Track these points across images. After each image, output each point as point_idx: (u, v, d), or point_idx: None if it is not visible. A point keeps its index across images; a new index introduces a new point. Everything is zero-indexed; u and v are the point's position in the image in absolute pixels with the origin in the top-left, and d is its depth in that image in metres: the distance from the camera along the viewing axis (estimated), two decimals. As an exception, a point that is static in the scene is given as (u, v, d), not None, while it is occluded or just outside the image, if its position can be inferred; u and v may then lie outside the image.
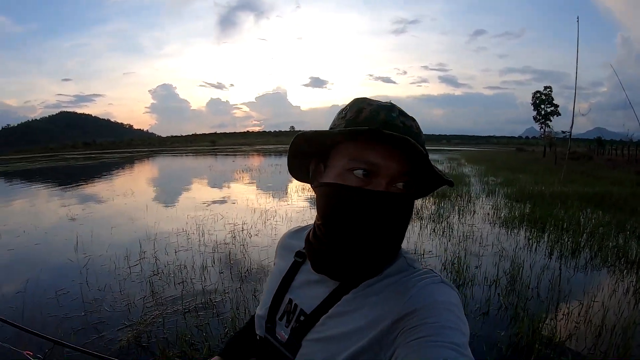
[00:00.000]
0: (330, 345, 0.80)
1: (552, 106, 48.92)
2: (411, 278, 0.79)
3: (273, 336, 0.95)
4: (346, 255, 0.82)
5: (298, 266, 0.99)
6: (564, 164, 17.03)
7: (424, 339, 0.66)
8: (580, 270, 5.74)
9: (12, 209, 12.07)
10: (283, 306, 0.96)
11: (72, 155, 59.69)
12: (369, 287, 0.82)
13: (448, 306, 0.72)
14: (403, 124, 0.81)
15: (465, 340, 0.67)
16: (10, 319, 4.16)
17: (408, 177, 0.79)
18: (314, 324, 0.85)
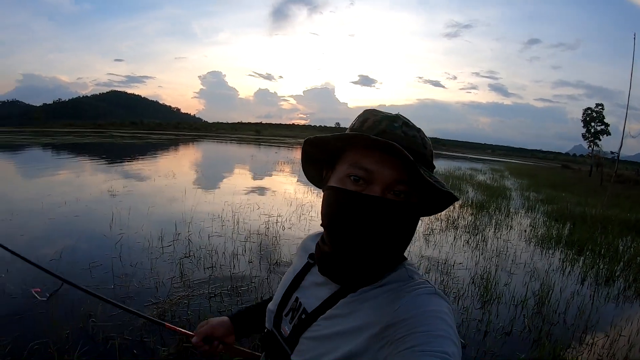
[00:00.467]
0: (321, 344, 0.84)
1: (602, 125, 47.55)
2: (405, 287, 0.81)
3: (278, 330, 1.01)
4: (342, 258, 0.86)
5: (309, 267, 1.04)
6: (609, 187, 16.56)
7: (414, 348, 0.66)
8: (611, 300, 5.58)
9: (57, 180, 12.43)
10: (290, 304, 1.01)
11: (119, 133, 61.04)
12: (366, 293, 0.85)
13: (439, 314, 0.73)
14: (405, 133, 0.83)
15: (455, 350, 0.67)
16: (44, 285, 4.36)
17: (405, 185, 0.81)
18: (311, 323, 0.90)
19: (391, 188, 0.81)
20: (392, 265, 0.88)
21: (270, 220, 8.25)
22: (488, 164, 51.94)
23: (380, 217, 0.80)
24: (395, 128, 0.83)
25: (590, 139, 48.38)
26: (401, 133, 0.83)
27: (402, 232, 0.83)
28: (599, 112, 47.75)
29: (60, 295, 4.31)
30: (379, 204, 0.80)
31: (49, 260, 5.31)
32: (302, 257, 1.11)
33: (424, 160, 0.84)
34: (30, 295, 4.24)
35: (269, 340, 1.03)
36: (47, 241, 6.26)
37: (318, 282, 0.96)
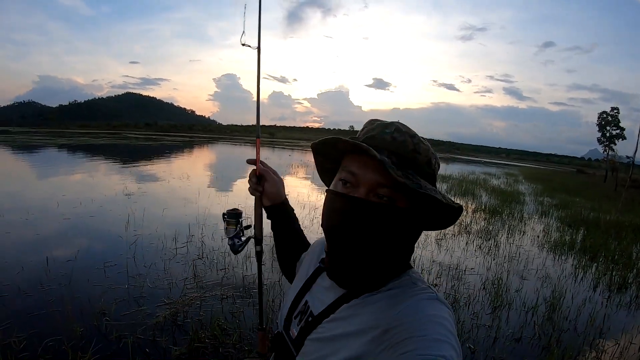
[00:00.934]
0: (324, 346, 0.87)
1: (618, 129, 47.07)
2: (407, 292, 0.83)
3: (287, 332, 1.03)
4: (333, 257, 0.91)
5: (320, 272, 1.06)
6: (624, 192, 16.40)
7: (412, 352, 0.67)
8: (623, 308, 5.53)
9: (72, 181, 12.58)
10: (300, 306, 1.04)
11: (134, 134, 61.49)
12: (368, 297, 0.87)
13: (438, 319, 0.74)
14: (393, 138, 0.85)
15: (454, 354, 0.67)
16: (59, 283, 4.45)
17: (388, 188, 0.82)
18: (316, 325, 0.92)
19: (374, 191, 0.83)
20: (396, 273, 0.90)
21: (283, 222, 8.21)
22: (502, 168, 51.62)
23: (361, 218, 0.83)
24: (386, 134, 0.86)
25: (605, 143, 47.91)
26: (389, 138, 0.85)
27: (391, 237, 0.84)
28: (614, 115, 47.27)
29: (76, 290, 4.47)
30: (359, 205, 0.83)
31: (65, 260, 5.41)
32: (313, 260, 1.14)
33: (412, 164, 0.85)
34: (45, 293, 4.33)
35: (278, 342, 1.06)
36: (63, 241, 6.37)
37: (326, 286, 0.99)
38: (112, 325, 3.82)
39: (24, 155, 21.00)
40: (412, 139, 0.86)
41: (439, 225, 0.95)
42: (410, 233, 0.88)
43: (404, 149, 0.85)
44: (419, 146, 0.86)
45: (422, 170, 0.86)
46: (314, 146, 0.98)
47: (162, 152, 30.20)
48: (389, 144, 0.85)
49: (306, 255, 1.25)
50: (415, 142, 0.86)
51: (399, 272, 0.90)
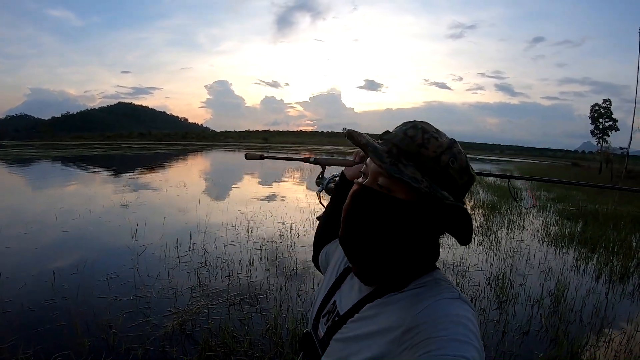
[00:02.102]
0: (347, 345, 0.87)
1: (610, 120, 47.16)
2: (429, 292, 0.83)
3: (315, 332, 1.05)
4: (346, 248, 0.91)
5: (349, 271, 1.06)
6: (620, 183, 16.46)
7: (431, 352, 0.66)
8: (627, 296, 5.58)
9: (68, 192, 12.55)
10: (328, 306, 1.04)
11: (128, 144, 61.31)
12: (391, 297, 0.87)
13: (460, 319, 0.73)
14: (405, 133, 0.86)
15: (476, 355, 0.66)
16: (64, 297, 4.44)
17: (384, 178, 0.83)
18: (341, 325, 0.93)
19: (377, 180, 0.85)
20: (419, 273, 0.89)
21: (284, 227, 8.30)
22: (497, 165, 51.73)
23: (362, 202, 0.86)
24: (402, 130, 0.87)
25: (599, 135, 47.97)
26: (401, 133, 0.86)
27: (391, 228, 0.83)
28: (606, 107, 47.37)
29: (83, 303, 4.46)
30: (362, 191, 0.86)
31: (69, 273, 5.40)
32: (342, 260, 1.14)
33: (414, 157, 0.83)
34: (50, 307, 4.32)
35: (306, 342, 1.07)
36: (64, 254, 6.34)
37: (354, 286, 0.99)
38: (120, 338, 3.79)
39: (18, 169, 20.87)
40: (424, 135, 0.85)
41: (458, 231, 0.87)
42: (423, 229, 0.86)
43: (406, 143, 0.85)
44: (429, 141, 0.84)
45: (424, 164, 0.83)
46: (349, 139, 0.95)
47: (157, 161, 30.14)
48: (398, 139, 0.86)
49: (332, 253, 1.24)
50: (425, 138, 0.84)
51: (422, 272, 0.89)
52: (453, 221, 0.86)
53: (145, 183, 15.23)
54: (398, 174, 0.78)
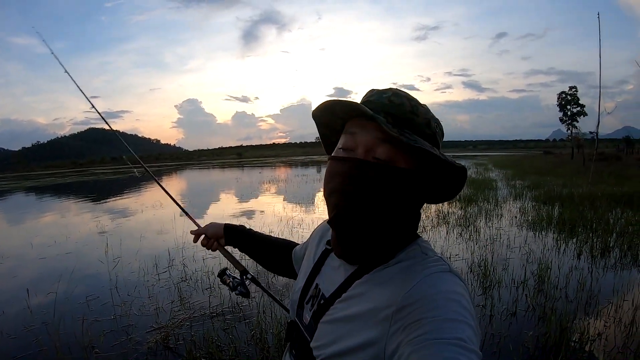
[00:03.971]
0: (337, 327, 0.83)
1: (578, 106, 48.05)
2: (418, 266, 0.79)
3: (300, 320, 1.00)
4: (339, 229, 0.86)
5: (328, 253, 1.03)
6: (592, 165, 16.75)
7: (426, 335, 0.64)
8: (609, 269, 5.65)
9: (44, 222, 12.41)
10: (311, 291, 1.00)
11: (101, 170, 60.77)
12: (379, 272, 0.83)
13: (452, 295, 0.71)
14: (391, 101, 0.83)
15: (471, 334, 0.64)
16: (43, 322, 4.33)
17: (385, 147, 0.80)
18: (329, 307, 0.88)
19: (373, 152, 0.81)
20: (403, 243, 0.87)
21: (261, 237, 8.20)
22: (471, 160, 52.32)
23: (359, 178, 0.80)
24: (383, 98, 0.84)
25: (567, 122, 48.81)
26: (386, 101, 0.83)
27: (393, 200, 0.81)
28: (573, 94, 48.25)
29: (63, 326, 4.36)
30: (358, 165, 0.80)
31: (47, 297, 5.32)
32: (319, 244, 1.12)
33: (409, 124, 0.83)
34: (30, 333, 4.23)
35: (292, 331, 1.03)
36: (40, 280, 6.25)
37: (336, 266, 0.96)
38: (103, 357, 3.74)
39: (-9, 203, 20.50)
40: (410, 102, 0.84)
41: (443, 192, 0.93)
42: (413, 198, 0.85)
43: (400, 110, 0.83)
44: (417, 108, 0.84)
45: (420, 131, 0.84)
46: (314, 115, 0.95)
47: (131, 184, 29.84)
48: (386, 107, 0.83)
49: (309, 241, 1.22)
50: (413, 105, 0.84)
51: (407, 242, 0.87)
52: (452, 182, 0.89)
53: (121, 206, 15.09)
54: (417, 144, 0.76)
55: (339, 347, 0.79)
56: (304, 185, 21.29)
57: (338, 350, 0.79)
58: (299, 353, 0.97)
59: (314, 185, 21.15)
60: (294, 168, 43.82)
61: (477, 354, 0.61)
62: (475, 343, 0.63)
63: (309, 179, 25.29)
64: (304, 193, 17.23)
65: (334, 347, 0.81)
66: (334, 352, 0.80)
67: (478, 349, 0.63)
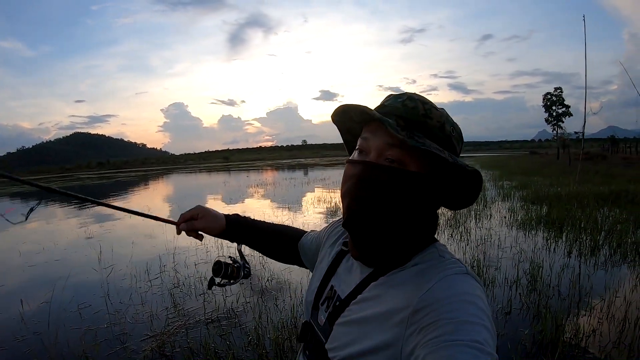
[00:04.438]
0: (352, 329, 0.83)
1: (563, 107, 48.40)
2: (435, 268, 0.79)
3: (315, 321, 1.00)
4: (354, 232, 0.87)
5: (343, 254, 1.03)
6: (578, 165, 16.90)
7: (442, 337, 0.64)
8: (600, 267, 5.73)
9: (30, 228, 12.18)
10: (326, 292, 1.00)
11: (87, 175, 60.20)
12: (395, 274, 0.84)
13: (470, 298, 0.70)
14: (404, 105, 0.84)
15: (487, 336, 0.64)
16: (35, 332, 4.28)
17: (396, 150, 0.80)
18: (344, 308, 0.88)
19: (384, 155, 0.81)
20: (421, 246, 0.87)
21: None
22: (458, 161, 52.53)
23: (370, 180, 0.81)
24: (397, 102, 0.85)
25: (553, 122, 49.12)
26: (400, 105, 0.84)
27: (406, 203, 0.81)
28: (558, 95, 48.58)
29: (56, 336, 4.30)
30: (368, 168, 0.81)
31: (38, 307, 5.25)
32: (334, 244, 1.12)
33: (422, 128, 0.83)
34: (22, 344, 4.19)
35: (306, 332, 1.03)
36: (31, 288, 6.16)
37: (351, 267, 0.96)
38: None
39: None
40: (424, 105, 0.84)
41: (460, 197, 0.91)
42: (428, 201, 0.85)
43: (413, 114, 0.83)
44: (431, 111, 0.84)
45: (433, 134, 0.84)
46: (334, 121, 0.99)
47: (117, 189, 29.65)
48: (399, 110, 0.84)
49: (324, 238, 1.21)
50: (426, 108, 0.84)
51: (424, 246, 0.87)
52: (467, 187, 0.88)
53: (108, 212, 14.83)
54: (425, 146, 0.76)
55: (355, 349, 0.79)
56: (292, 188, 21.23)
57: (354, 352, 0.79)
58: (313, 354, 0.97)
59: (302, 188, 21.15)
60: (282, 171, 43.75)
61: (493, 357, 0.61)
62: (491, 345, 0.63)
63: (297, 182, 25.23)
64: (292, 196, 17.20)
65: (350, 349, 0.81)
66: (350, 354, 0.80)
67: (494, 351, 0.63)
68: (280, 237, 1.43)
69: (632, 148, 40.41)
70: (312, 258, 1.27)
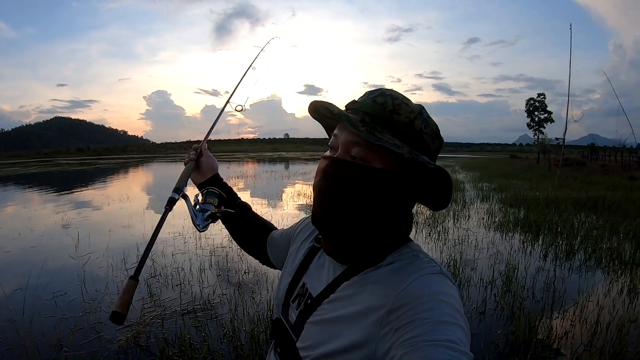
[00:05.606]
0: (325, 328, 0.83)
1: (545, 113, 48.79)
2: (410, 267, 0.79)
3: (286, 318, 0.99)
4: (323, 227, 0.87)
5: (316, 251, 1.03)
6: (558, 170, 17.10)
7: (417, 337, 0.64)
8: (574, 271, 5.82)
9: (6, 213, 12.00)
10: (297, 289, 0.99)
11: (66, 160, 59.34)
12: (369, 274, 0.83)
13: (445, 297, 0.70)
14: (374, 101, 0.83)
15: (463, 336, 0.64)
16: (9, 319, 4.22)
17: (359, 148, 0.80)
18: (316, 307, 0.88)
19: (349, 152, 0.82)
20: (394, 245, 0.87)
21: (233, 232, 8.10)
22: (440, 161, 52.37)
23: (335, 175, 0.82)
24: (368, 98, 0.85)
25: (535, 127, 49.48)
26: (370, 101, 0.84)
27: (370, 200, 0.81)
28: (541, 101, 48.96)
29: (30, 324, 4.25)
30: (333, 163, 0.83)
31: (13, 294, 5.17)
32: (305, 240, 1.11)
33: (388, 123, 0.81)
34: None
35: (277, 329, 1.02)
36: (5, 275, 6.04)
37: (324, 265, 0.96)
38: (73, 356, 3.64)
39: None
40: (394, 101, 0.83)
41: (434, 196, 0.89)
42: (398, 199, 0.84)
43: (380, 110, 0.82)
44: (400, 107, 0.83)
45: (399, 130, 0.81)
46: (312, 115, 0.98)
47: (97, 176, 29.12)
48: (367, 106, 0.83)
49: (296, 234, 1.20)
50: (396, 104, 0.83)
51: (398, 245, 0.87)
52: (434, 186, 0.86)
53: (87, 199, 14.70)
54: (378, 141, 0.75)
55: (328, 349, 0.79)
56: (273, 181, 21.10)
57: (327, 352, 0.79)
58: (285, 352, 0.96)
59: (282, 181, 21.07)
60: (262, 164, 43.54)
61: (468, 356, 0.61)
62: (466, 345, 0.64)
63: (277, 175, 25.13)
64: (272, 189, 17.09)
65: (322, 348, 0.80)
66: (323, 353, 0.80)
67: (469, 350, 0.63)
68: (254, 223, 1.43)
69: (612, 156, 40.93)
70: (280, 253, 1.26)
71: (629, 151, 34.57)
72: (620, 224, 8.63)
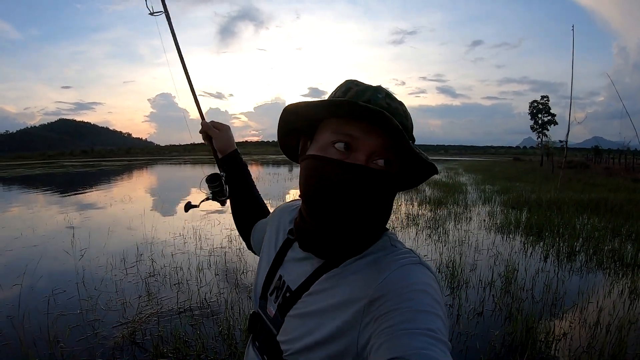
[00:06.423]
0: (306, 321, 0.81)
1: (549, 115, 48.77)
2: (389, 258, 0.78)
3: (264, 312, 0.97)
4: (328, 233, 0.82)
5: (290, 243, 1.00)
6: (561, 172, 17.07)
7: (397, 326, 0.64)
8: (575, 273, 5.80)
9: (10, 214, 12.06)
10: (274, 282, 0.97)
11: (71, 162, 59.61)
12: (349, 265, 0.82)
13: (423, 287, 0.70)
14: (388, 104, 0.80)
15: (441, 325, 0.64)
16: (8, 315, 4.23)
17: (389, 154, 0.78)
18: (296, 300, 0.86)
19: (375, 157, 0.78)
20: (376, 237, 0.85)
21: (232, 233, 8.13)
22: (442, 164, 52.81)
23: (363, 186, 0.76)
24: (379, 99, 0.80)
25: (538, 130, 49.47)
26: (384, 104, 0.80)
27: (382, 203, 0.80)
28: (544, 103, 48.96)
29: (28, 320, 4.27)
30: (362, 173, 0.76)
31: (12, 290, 5.20)
32: (280, 232, 1.07)
33: (407, 132, 0.80)
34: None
35: (255, 323, 1.00)
36: (5, 272, 6.06)
37: (300, 257, 0.93)
38: (69, 352, 3.66)
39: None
40: (401, 107, 0.82)
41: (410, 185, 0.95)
42: (393, 196, 0.85)
43: (399, 116, 0.80)
44: (407, 113, 0.83)
45: (410, 136, 0.83)
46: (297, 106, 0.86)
47: (100, 178, 29.30)
48: (386, 110, 0.77)
49: (267, 225, 1.16)
50: (404, 110, 0.83)
51: (378, 236, 0.86)
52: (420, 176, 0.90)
53: (90, 200, 14.78)
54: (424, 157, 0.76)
55: (310, 340, 0.78)
56: (275, 183, 21.15)
57: (309, 344, 0.78)
58: (264, 345, 0.94)
59: (285, 184, 21.11)
60: (266, 166, 43.62)
61: (446, 345, 0.61)
62: (444, 334, 0.63)
63: (281, 178, 25.22)
64: (274, 191, 17.08)
65: (305, 340, 0.79)
66: (305, 345, 0.79)
67: (447, 339, 0.63)
68: (255, 204, 1.45)
69: (615, 159, 40.90)
70: (260, 244, 1.22)
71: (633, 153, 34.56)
72: (622, 225, 8.61)
